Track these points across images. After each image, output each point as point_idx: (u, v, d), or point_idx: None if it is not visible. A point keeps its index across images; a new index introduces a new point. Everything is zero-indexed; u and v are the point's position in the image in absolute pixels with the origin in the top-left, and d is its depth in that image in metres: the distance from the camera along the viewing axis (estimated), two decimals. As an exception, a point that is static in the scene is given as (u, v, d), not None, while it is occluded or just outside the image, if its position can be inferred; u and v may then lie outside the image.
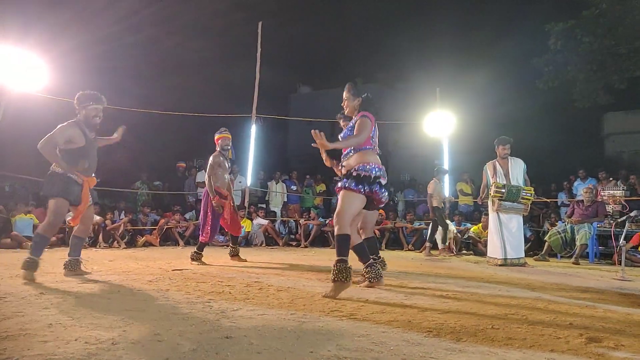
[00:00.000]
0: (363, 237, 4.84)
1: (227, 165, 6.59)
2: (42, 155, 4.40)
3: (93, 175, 4.64)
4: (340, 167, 4.23)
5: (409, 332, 2.48)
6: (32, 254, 4.17)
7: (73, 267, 4.51)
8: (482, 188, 7.57)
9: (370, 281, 4.11)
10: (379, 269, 4.19)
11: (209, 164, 6.44)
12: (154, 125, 15.37)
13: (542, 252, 8.52)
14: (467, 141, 14.00)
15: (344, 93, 4.30)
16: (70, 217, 4.64)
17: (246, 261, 6.48)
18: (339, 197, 3.99)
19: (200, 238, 6.37)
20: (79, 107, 4.54)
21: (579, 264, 7.68)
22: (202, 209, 6.54)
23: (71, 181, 4.38)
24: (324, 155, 4.42)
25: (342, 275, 3.62)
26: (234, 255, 6.63)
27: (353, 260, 3.84)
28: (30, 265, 4.10)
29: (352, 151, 4.08)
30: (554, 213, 10.47)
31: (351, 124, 4.14)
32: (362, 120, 4.02)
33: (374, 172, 3.94)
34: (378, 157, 4.17)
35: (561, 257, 8.72)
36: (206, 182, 6.43)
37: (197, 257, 6.19)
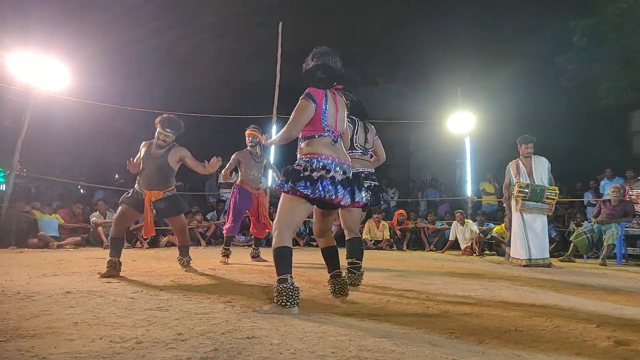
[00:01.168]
0: (347, 238, 4.39)
1: (254, 162, 6.62)
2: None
3: (157, 190, 4.94)
4: None
5: (430, 334, 2.46)
6: (110, 255, 4.64)
7: (185, 264, 5.28)
8: (505, 187, 7.46)
9: (333, 295, 3.44)
10: (343, 282, 3.45)
11: None
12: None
13: (568, 253, 8.37)
14: (489, 140, 13.84)
15: None
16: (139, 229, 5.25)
17: (267, 262, 6.48)
18: None
19: (224, 232, 6.56)
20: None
21: (605, 265, 7.53)
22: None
23: (135, 192, 4.92)
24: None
25: (281, 297, 2.92)
26: (255, 256, 6.68)
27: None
28: (110, 264, 4.57)
29: (301, 140, 3.34)
30: (580, 213, 10.29)
31: None
32: (299, 103, 3.21)
33: (315, 164, 3.12)
34: (336, 147, 3.28)
35: (587, 257, 8.57)
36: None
37: (224, 253, 6.34)
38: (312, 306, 3.19)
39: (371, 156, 4.71)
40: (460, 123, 11.50)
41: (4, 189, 10.66)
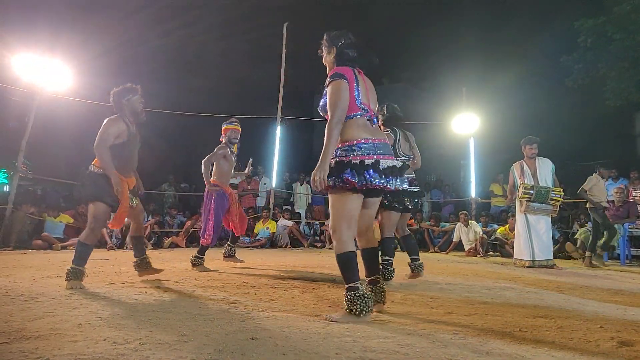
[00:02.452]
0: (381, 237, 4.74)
1: (233, 159, 6.00)
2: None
3: (134, 175, 4.34)
4: None
5: (435, 334, 2.46)
6: (74, 263, 3.84)
7: (142, 268, 4.45)
8: (509, 189, 7.44)
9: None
10: (382, 289, 3.13)
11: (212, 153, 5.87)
12: (180, 127, 15.59)
13: (577, 245, 8.36)
14: (494, 141, 13.82)
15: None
16: (109, 222, 4.37)
17: (244, 262, 6.07)
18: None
19: (202, 240, 5.73)
20: (123, 102, 4.23)
21: (591, 266, 7.56)
22: (203, 208, 5.99)
23: (104, 177, 4.00)
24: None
25: (354, 306, 2.76)
26: (229, 256, 6.11)
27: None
28: (74, 275, 3.79)
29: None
30: (583, 214, 10.24)
31: (325, 92, 3.04)
32: (330, 86, 2.97)
33: (356, 152, 2.90)
34: (374, 128, 3.07)
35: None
36: (203, 170, 5.83)
37: (198, 262, 5.55)
38: (315, 307, 3.19)
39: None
40: (465, 124, 11.48)
41: (8, 190, 10.70)
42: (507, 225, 9.44)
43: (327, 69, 3.20)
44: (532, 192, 6.81)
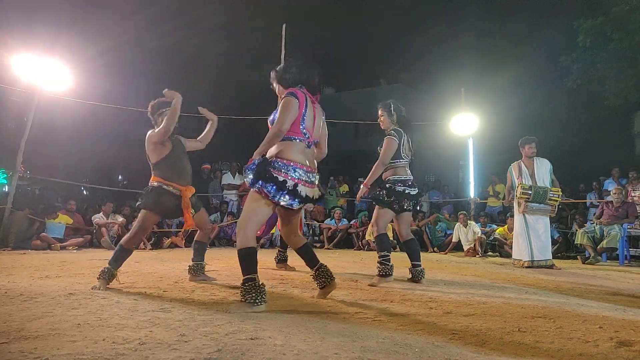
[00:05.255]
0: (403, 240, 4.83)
1: None
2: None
3: (190, 184, 4.38)
4: None
5: (433, 335, 2.46)
6: (109, 263, 3.89)
7: (197, 272, 4.48)
8: (507, 189, 7.45)
9: (321, 287, 3.54)
10: (328, 272, 3.55)
11: None
12: (179, 127, 15.58)
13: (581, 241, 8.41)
14: (493, 141, 13.82)
15: None
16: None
17: (295, 269, 5.87)
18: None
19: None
20: (155, 116, 4.34)
21: (592, 264, 7.64)
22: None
23: (166, 193, 4.08)
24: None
25: (249, 296, 2.98)
26: (281, 261, 5.96)
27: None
28: (104, 275, 3.82)
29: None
30: (581, 214, 10.22)
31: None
32: (284, 100, 3.24)
33: (290, 173, 3.16)
34: (309, 152, 3.36)
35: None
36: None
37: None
38: (315, 307, 3.19)
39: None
40: (464, 124, 11.46)
41: (7, 190, 10.68)
42: (506, 226, 9.44)
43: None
44: (530, 192, 6.80)
